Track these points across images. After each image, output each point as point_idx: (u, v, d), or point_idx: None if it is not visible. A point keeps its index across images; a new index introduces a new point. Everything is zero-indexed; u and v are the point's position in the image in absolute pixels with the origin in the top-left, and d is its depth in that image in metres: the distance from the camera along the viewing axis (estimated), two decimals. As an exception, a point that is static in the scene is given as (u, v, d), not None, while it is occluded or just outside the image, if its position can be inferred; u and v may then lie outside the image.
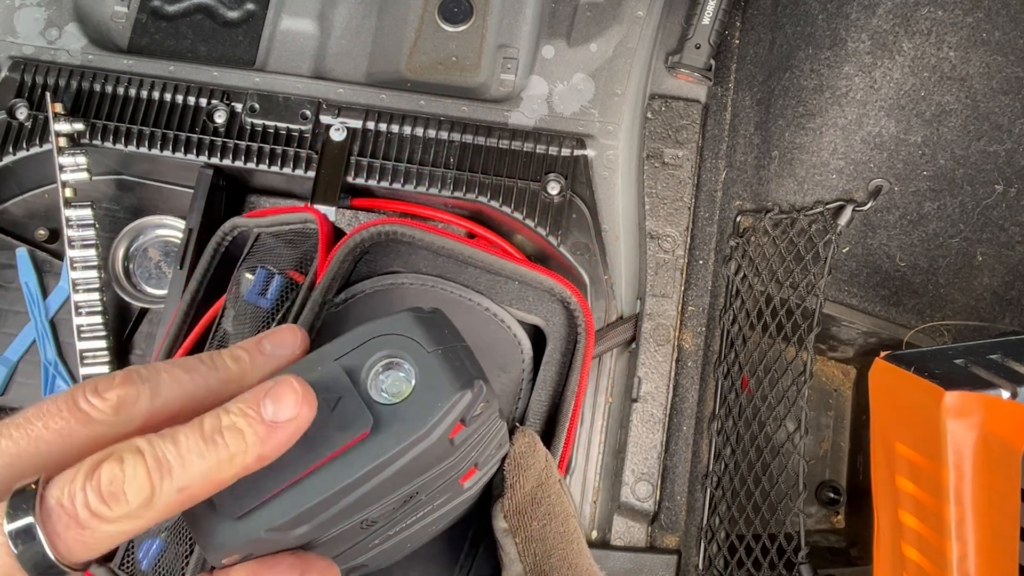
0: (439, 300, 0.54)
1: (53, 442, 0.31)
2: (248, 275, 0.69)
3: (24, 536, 0.29)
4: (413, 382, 0.33)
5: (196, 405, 0.34)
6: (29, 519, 0.29)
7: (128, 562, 0.68)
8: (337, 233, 0.63)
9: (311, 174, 1.03)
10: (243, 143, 1.04)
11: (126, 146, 1.03)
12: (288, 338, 0.37)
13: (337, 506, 0.33)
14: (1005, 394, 0.75)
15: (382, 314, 0.54)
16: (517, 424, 0.54)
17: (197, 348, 0.76)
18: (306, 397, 0.32)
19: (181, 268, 1.00)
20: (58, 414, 0.31)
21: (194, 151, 1.03)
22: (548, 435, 0.55)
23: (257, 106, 1.05)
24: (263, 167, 1.03)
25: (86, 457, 0.31)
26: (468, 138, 1.05)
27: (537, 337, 0.57)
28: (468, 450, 0.37)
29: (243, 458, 0.31)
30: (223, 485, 0.32)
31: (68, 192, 1.00)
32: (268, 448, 0.32)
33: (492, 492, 0.47)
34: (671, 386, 0.99)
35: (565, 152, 1.05)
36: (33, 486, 0.30)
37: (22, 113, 1.03)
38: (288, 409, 0.32)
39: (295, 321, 0.52)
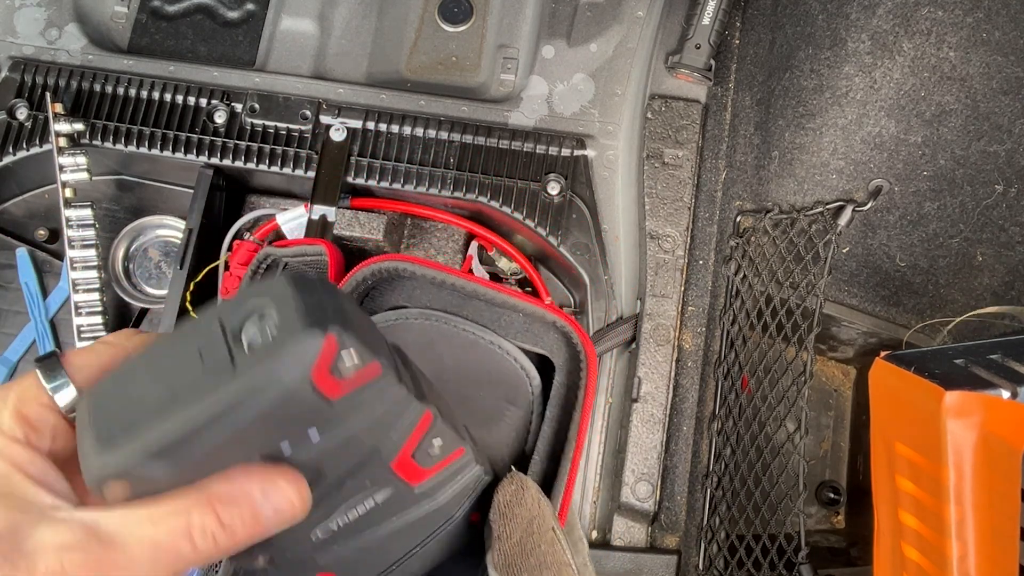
0: (444, 335, 0.54)
1: None
2: None
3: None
4: (273, 331, 0.34)
5: None
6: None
7: None
8: (347, 265, 0.63)
9: (311, 174, 1.03)
10: (243, 143, 1.04)
11: (126, 146, 1.03)
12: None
13: (208, 440, 0.34)
14: (1005, 394, 0.75)
15: None
16: (512, 468, 0.52)
17: None
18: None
19: (181, 268, 1.00)
20: None
21: (194, 151, 1.03)
22: (550, 474, 0.54)
23: (257, 106, 1.05)
24: (263, 167, 1.03)
25: None
26: (468, 138, 1.05)
27: (544, 366, 0.56)
28: (360, 419, 0.37)
29: None
30: None
31: (68, 192, 1.00)
32: None
33: (485, 543, 0.47)
34: (671, 386, 0.99)
35: (565, 152, 1.05)
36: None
37: (22, 113, 1.03)
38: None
39: None
